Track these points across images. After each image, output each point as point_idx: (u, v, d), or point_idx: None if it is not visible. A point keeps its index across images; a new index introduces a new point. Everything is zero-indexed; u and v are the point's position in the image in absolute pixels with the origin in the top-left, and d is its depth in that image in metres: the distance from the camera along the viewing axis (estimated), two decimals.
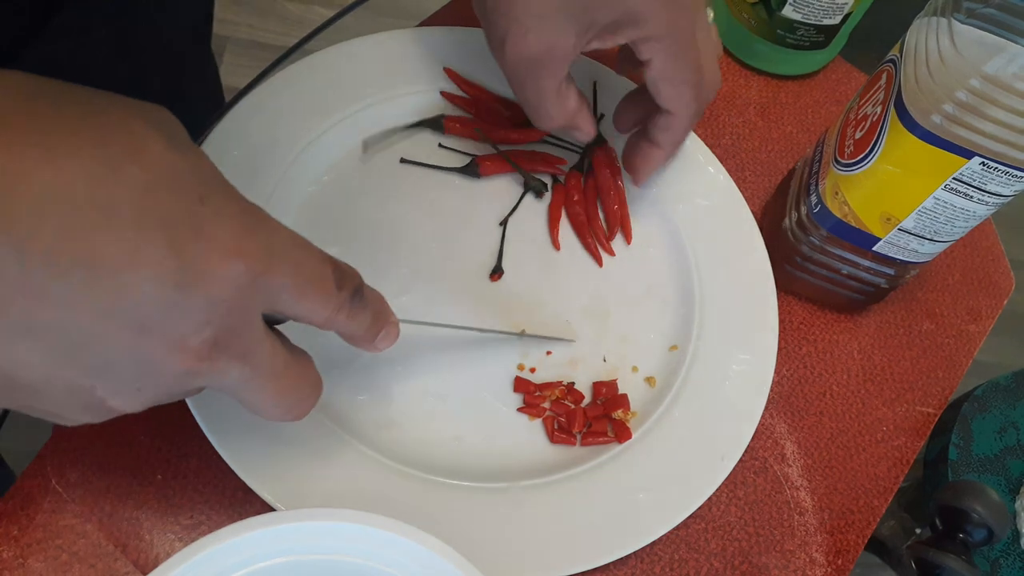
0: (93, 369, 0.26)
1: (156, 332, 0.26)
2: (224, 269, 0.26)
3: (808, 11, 0.53)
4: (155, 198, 0.25)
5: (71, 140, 0.24)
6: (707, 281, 0.47)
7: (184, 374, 0.27)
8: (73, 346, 0.25)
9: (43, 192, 0.24)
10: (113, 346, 0.26)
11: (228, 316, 0.27)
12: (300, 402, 0.32)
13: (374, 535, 0.32)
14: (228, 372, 0.28)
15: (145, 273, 0.25)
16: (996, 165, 0.37)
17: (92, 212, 0.24)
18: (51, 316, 0.24)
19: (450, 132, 0.49)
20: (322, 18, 0.60)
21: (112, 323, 0.25)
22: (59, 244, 0.24)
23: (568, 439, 0.42)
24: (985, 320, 0.53)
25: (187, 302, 0.26)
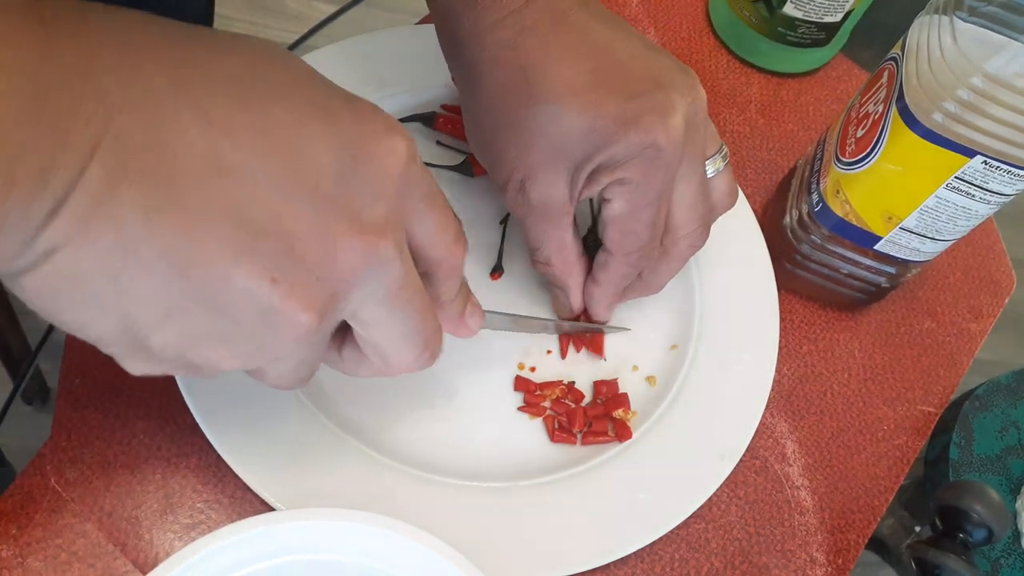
0: (272, 259, 0.25)
1: (335, 202, 0.26)
2: (389, 144, 0.27)
3: (809, 8, 0.53)
4: (316, 83, 0.27)
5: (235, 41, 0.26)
6: (707, 280, 0.47)
7: (363, 255, 0.26)
8: (255, 226, 0.25)
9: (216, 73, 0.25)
10: (294, 220, 0.25)
11: (394, 197, 0.27)
12: (435, 334, 0.32)
13: (374, 535, 0.32)
14: (392, 266, 0.27)
15: (321, 140, 0.25)
16: (998, 164, 0.37)
17: (264, 89, 0.25)
18: (231, 190, 0.24)
19: (440, 129, 0.48)
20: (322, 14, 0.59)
21: (291, 195, 0.25)
22: (239, 113, 0.24)
23: (568, 438, 0.42)
24: (986, 319, 0.53)
25: (362, 172, 0.26)
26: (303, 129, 0.25)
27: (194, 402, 0.37)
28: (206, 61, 0.25)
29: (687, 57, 0.58)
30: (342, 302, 0.27)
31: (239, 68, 0.25)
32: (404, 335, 0.30)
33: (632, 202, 0.38)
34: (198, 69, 0.25)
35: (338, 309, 0.28)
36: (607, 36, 0.38)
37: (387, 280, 0.28)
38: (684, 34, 0.59)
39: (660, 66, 0.38)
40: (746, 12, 0.56)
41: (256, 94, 0.25)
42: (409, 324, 0.30)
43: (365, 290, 0.28)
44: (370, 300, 0.28)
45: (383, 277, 0.28)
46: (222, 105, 0.24)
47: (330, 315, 0.27)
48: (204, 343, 0.26)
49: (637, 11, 0.60)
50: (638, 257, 0.40)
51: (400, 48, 0.49)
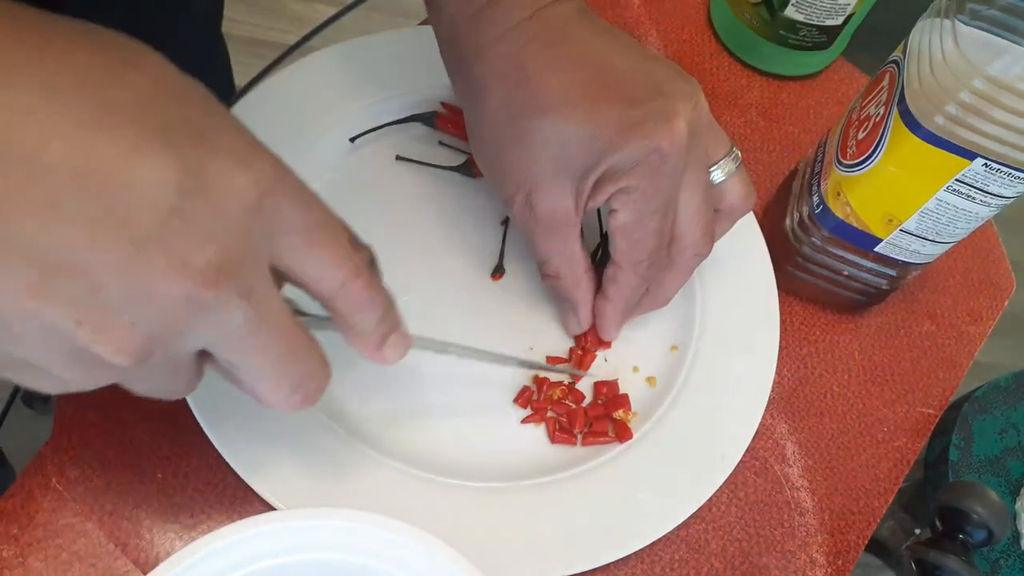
0: (78, 299, 0.22)
1: (153, 245, 0.23)
2: (232, 178, 0.24)
3: (810, 12, 0.53)
4: (157, 103, 0.23)
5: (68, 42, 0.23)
6: (708, 281, 0.47)
7: (185, 302, 0.24)
8: (56, 266, 0.22)
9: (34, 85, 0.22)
10: (101, 264, 0.22)
11: (234, 239, 0.24)
12: (310, 377, 0.29)
13: (374, 535, 0.32)
14: (233, 312, 0.25)
15: (145, 178, 0.22)
16: (999, 167, 0.37)
17: (88, 110, 0.22)
18: (34, 227, 0.22)
19: (442, 129, 0.48)
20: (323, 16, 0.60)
21: (102, 235, 0.22)
22: (46, 142, 0.21)
23: (569, 439, 0.42)
24: (986, 321, 0.53)
25: (190, 212, 0.23)
26: (127, 163, 0.22)
27: (195, 402, 0.37)
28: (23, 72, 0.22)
29: (689, 60, 0.59)
30: (170, 344, 0.25)
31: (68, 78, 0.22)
32: (263, 379, 0.28)
33: (638, 210, 0.38)
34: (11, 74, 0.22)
35: (168, 350, 0.25)
36: (607, 47, 0.38)
37: (228, 326, 0.25)
38: (686, 37, 0.59)
39: (661, 74, 0.38)
40: (747, 15, 0.56)
41: (77, 120, 0.22)
42: (268, 369, 0.27)
43: (203, 334, 0.25)
44: (214, 344, 0.26)
45: (221, 323, 0.25)
46: (32, 134, 0.21)
47: (155, 356, 0.25)
48: (17, 370, 0.25)
49: (639, 14, 0.60)
50: (647, 267, 0.40)
51: (400, 50, 0.49)
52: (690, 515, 0.40)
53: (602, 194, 0.37)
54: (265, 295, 0.26)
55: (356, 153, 0.47)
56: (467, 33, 0.38)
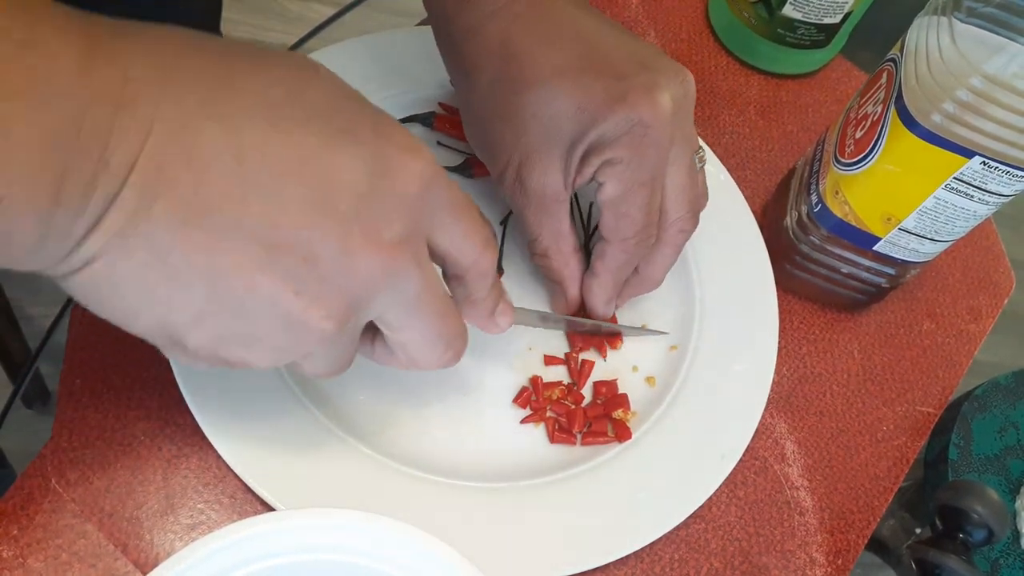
0: (294, 272, 0.27)
1: (356, 222, 0.27)
2: (409, 164, 0.28)
3: (808, 10, 0.53)
4: (337, 107, 0.28)
5: (267, 59, 0.27)
6: (707, 281, 0.47)
7: (380, 270, 0.28)
8: (277, 245, 0.26)
9: (250, 94, 0.26)
10: (315, 240, 0.26)
11: (411, 215, 0.29)
12: (458, 336, 0.33)
13: (374, 535, 0.32)
14: (411, 278, 0.29)
15: (342, 163, 0.27)
16: (997, 164, 0.37)
17: (292, 111, 0.27)
18: (260, 209, 0.26)
19: (440, 130, 0.48)
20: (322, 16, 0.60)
21: (316, 215, 0.26)
22: (267, 137, 0.26)
23: (568, 439, 0.42)
24: (985, 320, 0.53)
25: (380, 192, 0.27)
26: (328, 153, 0.27)
27: (195, 403, 0.37)
28: (239, 81, 0.26)
29: (687, 58, 0.59)
30: (363, 310, 0.29)
31: (270, 88, 0.27)
32: (425, 337, 0.32)
33: (624, 182, 0.38)
34: (229, 88, 0.26)
35: (359, 316, 0.29)
36: (594, 25, 0.39)
37: (406, 290, 0.29)
38: (684, 35, 0.59)
39: (647, 52, 0.39)
40: (746, 14, 0.56)
41: (285, 117, 0.26)
42: (430, 328, 0.32)
43: (385, 299, 0.29)
44: (392, 307, 0.30)
45: (402, 287, 0.29)
46: (252, 128, 0.26)
47: (351, 322, 0.29)
48: (235, 344, 0.28)
49: (637, 12, 0.60)
50: (635, 243, 0.40)
51: (399, 49, 0.49)
52: (690, 515, 0.40)
53: (589, 167, 0.38)
54: (429, 264, 0.30)
55: None
56: (457, 14, 0.39)
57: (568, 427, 0.42)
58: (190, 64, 0.26)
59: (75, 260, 0.25)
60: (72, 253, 0.25)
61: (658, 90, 0.37)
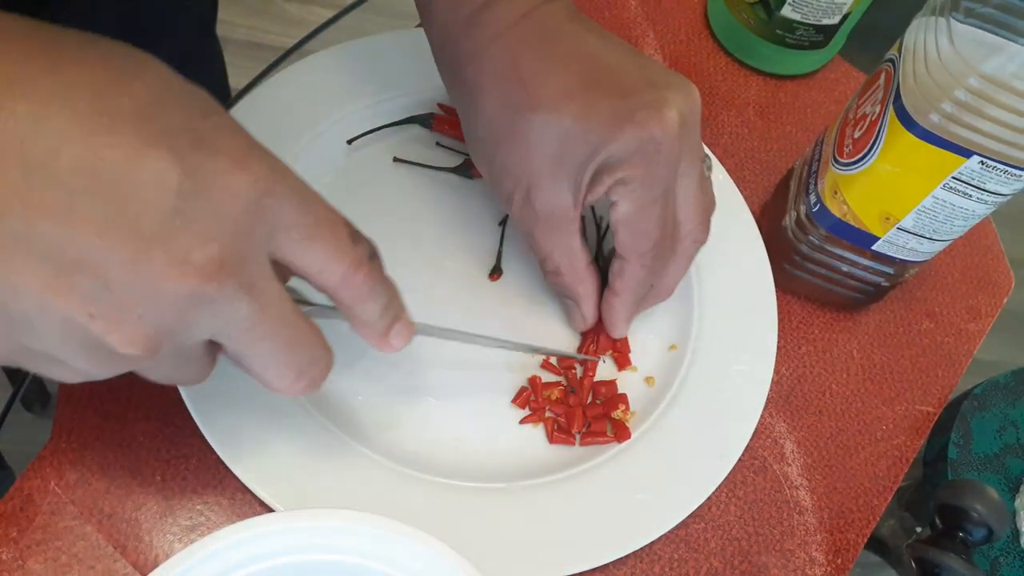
0: (90, 294, 0.24)
1: (158, 244, 0.24)
2: (230, 179, 0.25)
3: (807, 11, 0.53)
4: (159, 110, 0.25)
5: (76, 54, 0.24)
6: (706, 280, 0.47)
7: (189, 298, 0.25)
8: (70, 264, 0.24)
9: (47, 97, 0.23)
10: (111, 262, 0.24)
11: (234, 237, 0.26)
12: (313, 363, 0.30)
13: (374, 535, 0.32)
14: (235, 305, 0.26)
15: (148, 179, 0.24)
16: (995, 164, 0.37)
17: (95, 119, 0.24)
18: (50, 227, 0.23)
19: (439, 131, 0.48)
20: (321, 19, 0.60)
21: (111, 234, 0.24)
22: (61, 148, 0.23)
23: (567, 439, 0.42)
24: (984, 319, 0.53)
25: (191, 212, 0.25)
26: (132, 166, 0.24)
27: (193, 404, 0.37)
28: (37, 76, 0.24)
29: (686, 59, 0.59)
30: (179, 335, 0.27)
31: (76, 89, 0.24)
32: (268, 366, 0.29)
33: (638, 200, 0.38)
34: (21, 92, 0.23)
35: (177, 340, 0.27)
36: (599, 44, 0.38)
37: (232, 318, 0.27)
38: (683, 37, 0.60)
39: (652, 69, 0.38)
40: (744, 15, 0.56)
41: (85, 126, 0.24)
42: (272, 357, 0.29)
43: (208, 324, 0.27)
44: (220, 333, 0.27)
45: (224, 315, 0.27)
46: (45, 137, 0.23)
47: (166, 346, 0.26)
48: (35, 361, 0.26)
49: (636, 13, 0.60)
50: (652, 258, 0.40)
51: (398, 51, 0.49)
52: (689, 514, 0.40)
53: (600, 187, 0.38)
54: (266, 288, 0.27)
55: (353, 155, 0.47)
56: (461, 37, 0.39)
57: (567, 427, 0.42)
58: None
59: None
60: None
61: (666, 107, 0.36)
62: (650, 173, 0.37)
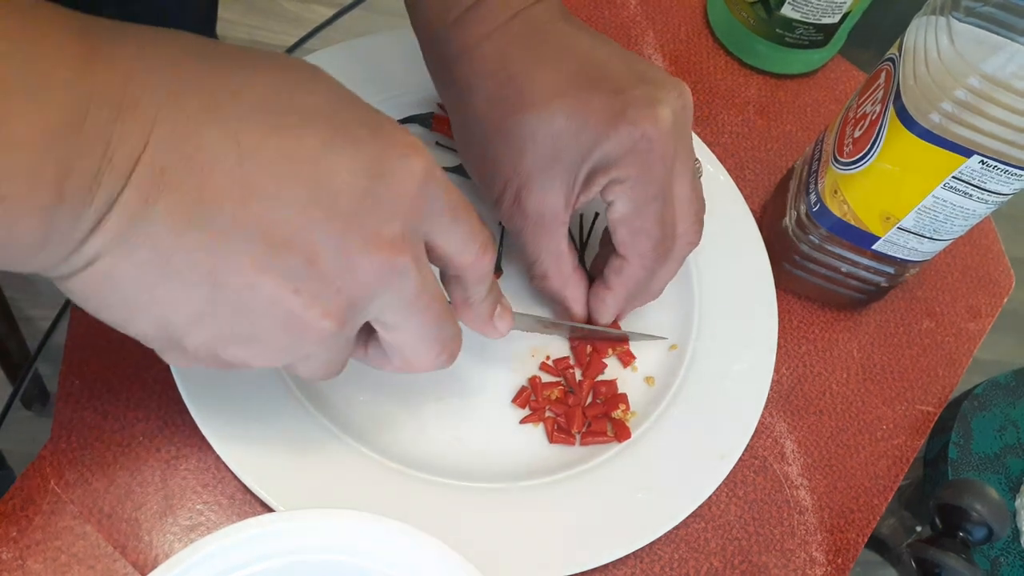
0: (295, 270, 0.27)
1: (356, 221, 0.27)
2: (408, 163, 0.28)
3: (807, 10, 0.53)
4: (339, 107, 0.28)
5: (262, 64, 0.28)
6: (706, 280, 0.47)
7: (380, 268, 0.28)
8: (278, 244, 0.26)
9: (249, 97, 0.26)
10: (317, 237, 0.27)
11: (410, 214, 0.29)
12: (453, 338, 0.33)
13: (374, 535, 0.32)
14: (409, 277, 0.29)
15: (341, 163, 0.27)
16: (995, 163, 0.37)
17: (292, 115, 0.27)
18: (261, 209, 0.26)
19: (438, 130, 0.48)
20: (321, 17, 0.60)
21: (316, 213, 0.27)
22: (267, 139, 0.26)
23: (567, 439, 0.42)
24: (985, 318, 0.53)
25: (379, 192, 0.28)
26: (326, 153, 0.27)
27: (193, 404, 0.37)
28: (237, 84, 0.27)
29: (686, 58, 0.59)
30: (361, 309, 0.29)
31: (269, 92, 0.27)
32: (422, 338, 0.32)
33: (634, 199, 0.38)
34: (229, 92, 0.26)
35: (358, 315, 0.29)
36: (589, 43, 0.38)
37: (403, 290, 0.29)
38: (683, 36, 0.59)
39: (643, 68, 0.38)
40: (744, 14, 0.56)
41: (284, 119, 0.27)
42: (426, 329, 0.31)
43: (383, 299, 0.29)
44: (389, 307, 0.30)
45: (399, 287, 0.29)
46: (252, 131, 0.26)
47: (350, 321, 0.29)
48: (235, 344, 0.28)
49: (635, 12, 0.60)
50: (653, 258, 0.40)
51: (398, 51, 0.49)
52: (689, 514, 0.40)
53: (594, 186, 0.38)
54: (426, 265, 0.30)
55: None
56: (450, 36, 0.39)
57: (567, 427, 0.42)
58: (189, 68, 0.26)
59: (77, 260, 0.25)
60: (74, 253, 0.25)
61: (658, 104, 0.37)
62: (645, 171, 0.37)
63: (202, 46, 0.27)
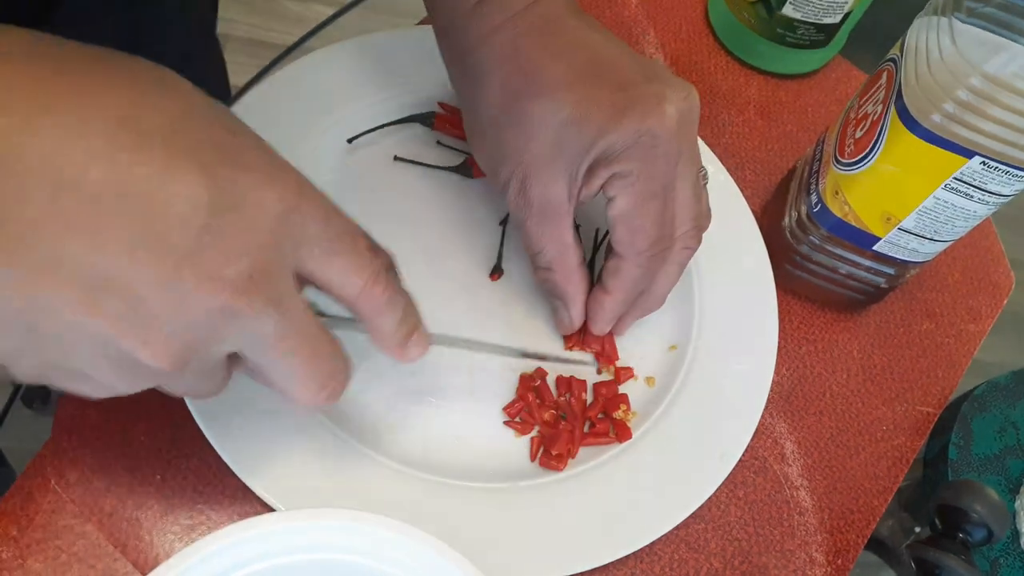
0: (120, 311, 0.24)
1: (189, 261, 0.24)
2: (259, 195, 0.26)
3: (808, 10, 0.53)
4: (186, 126, 0.25)
5: (104, 72, 0.25)
6: (707, 281, 0.47)
7: (219, 312, 0.25)
8: (101, 283, 0.24)
9: (75, 115, 0.23)
10: (142, 280, 0.24)
11: (263, 252, 0.26)
12: (334, 375, 0.30)
13: (374, 535, 0.32)
14: (263, 320, 0.26)
15: (178, 196, 0.24)
16: (996, 164, 0.37)
17: (123, 136, 0.24)
18: (79, 247, 0.23)
19: (439, 130, 0.48)
20: (321, 16, 0.60)
21: (141, 253, 0.24)
22: (89, 166, 0.23)
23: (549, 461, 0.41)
24: (985, 319, 0.53)
25: (222, 228, 0.25)
26: (162, 183, 0.24)
27: (194, 403, 0.37)
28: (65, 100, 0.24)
29: (686, 58, 0.59)
30: (206, 350, 0.27)
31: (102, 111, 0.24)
32: (292, 378, 0.30)
33: (635, 195, 0.38)
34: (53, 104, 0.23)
35: (204, 355, 0.27)
36: (600, 40, 0.39)
37: (259, 332, 0.27)
38: (683, 35, 0.59)
39: (652, 67, 0.39)
40: (745, 13, 0.56)
41: (116, 140, 0.24)
42: (296, 370, 0.29)
43: (235, 339, 0.27)
44: (247, 347, 0.28)
45: (252, 330, 0.27)
46: (74, 154, 0.23)
47: (194, 362, 0.27)
48: (64, 377, 0.27)
49: (636, 12, 0.60)
50: (649, 257, 0.40)
51: (399, 50, 0.49)
52: (689, 515, 0.40)
53: (597, 179, 0.38)
54: (292, 302, 0.28)
55: (354, 154, 0.47)
56: (467, 23, 0.39)
57: (548, 448, 0.41)
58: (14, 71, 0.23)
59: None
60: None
61: (665, 102, 0.37)
62: (647, 168, 0.37)
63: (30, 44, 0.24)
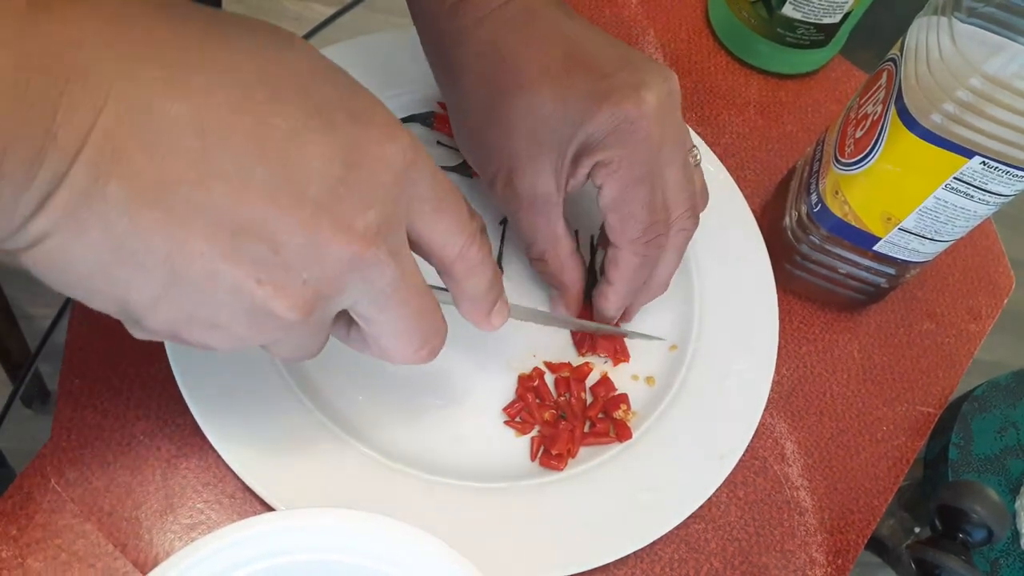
0: (259, 259, 0.25)
1: (327, 211, 0.26)
2: (383, 150, 0.27)
3: (808, 10, 0.53)
4: (315, 84, 0.26)
5: (237, 33, 0.26)
6: (707, 280, 0.47)
7: (348, 262, 0.26)
8: (242, 231, 0.25)
9: (217, 69, 0.25)
10: (281, 228, 0.25)
11: (386, 205, 0.27)
12: (434, 334, 0.32)
13: (374, 535, 0.32)
14: (384, 270, 0.27)
15: (314, 150, 0.25)
16: (997, 164, 0.37)
17: (260, 92, 0.25)
18: (223, 194, 0.24)
19: (439, 130, 0.48)
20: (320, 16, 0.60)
21: (282, 201, 0.25)
22: (233, 117, 0.24)
23: (548, 461, 0.41)
24: (985, 319, 0.53)
25: (353, 181, 0.26)
26: (298, 137, 0.25)
27: (194, 403, 0.37)
28: (206, 54, 0.25)
29: (686, 58, 0.59)
30: (331, 301, 0.28)
31: (240, 65, 0.25)
32: (399, 332, 0.30)
33: (621, 182, 0.38)
34: (195, 65, 0.24)
35: (328, 306, 0.28)
36: (578, 30, 0.39)
37: (378, 283, 0.28)
38: (683, 35, 0.59)
39: (632, 54, 0.39)
40: (745, 13, 0.56)
41: (255, 96, 0.25)
42: (403, 323, 0.30)
43: (356, 291, 0.28)
44: (363, 300, 0.29)
45: (373, 281, 0.28)
46: (218, 107, 0.24)
47: (319, 312, 0.28)
48: (195, 329, 0.27)
49: (636, 12, 0.60)
50: (644, 243, 0.40)
51: (398, 50, 0.49)
52: (690, 514, 0.40)
53: (582, 168, 0.38)
54: (407, 256, 0.29)
55: None
56: (446, 21, 0.39)
57: (548, 448, 0.41)
58: (153, 33, 0.24)
59: (24, 237, 0.24)
60: (20, 231, 0.24)
61: (643, 87, 0.37)
62: (630, 154, 0.37)
63: (169, 9, 0.25)
